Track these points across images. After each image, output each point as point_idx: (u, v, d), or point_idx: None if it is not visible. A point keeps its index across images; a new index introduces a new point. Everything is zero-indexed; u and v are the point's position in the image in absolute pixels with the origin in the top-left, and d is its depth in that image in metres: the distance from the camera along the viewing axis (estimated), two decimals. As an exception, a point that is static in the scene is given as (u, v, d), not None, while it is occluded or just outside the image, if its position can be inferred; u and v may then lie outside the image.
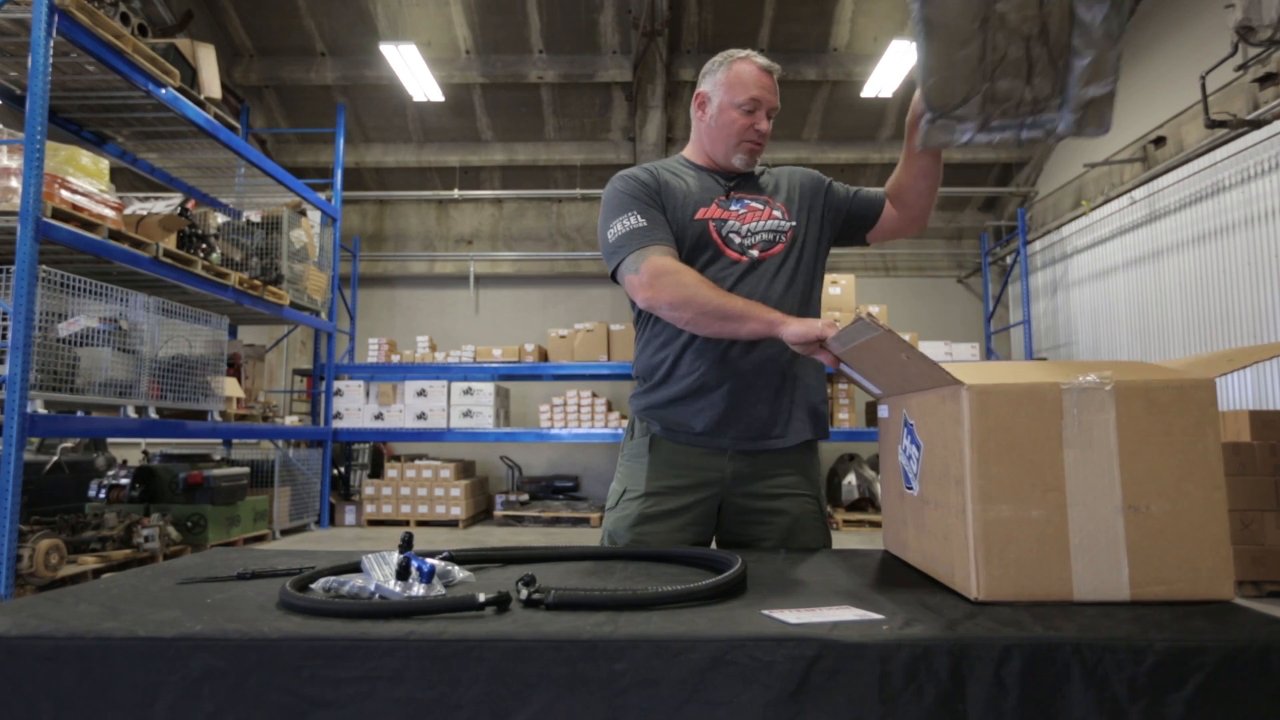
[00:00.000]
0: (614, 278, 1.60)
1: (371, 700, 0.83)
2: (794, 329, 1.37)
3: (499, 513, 8.47)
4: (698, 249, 1.59)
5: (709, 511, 1.62)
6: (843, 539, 7.08)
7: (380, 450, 9.25)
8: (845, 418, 8.38)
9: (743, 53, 1.64)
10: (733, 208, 1.63)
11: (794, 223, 1.66)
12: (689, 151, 1.74)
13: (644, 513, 1.59)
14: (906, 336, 9.59)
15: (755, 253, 1.60)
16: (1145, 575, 1.01)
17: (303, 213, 7.14)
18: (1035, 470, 1.02)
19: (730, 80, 1.62)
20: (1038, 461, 1.03)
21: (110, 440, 7.22)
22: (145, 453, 8.19)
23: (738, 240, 1.60)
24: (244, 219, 6.51)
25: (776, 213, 1.65)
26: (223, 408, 5.89)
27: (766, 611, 0.96)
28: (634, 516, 1.60)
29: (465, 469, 8.63)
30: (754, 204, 1.65)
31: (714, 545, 1.65)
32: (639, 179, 1.63)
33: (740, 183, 1.68)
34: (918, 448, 1.21)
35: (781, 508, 1.61)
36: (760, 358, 1.58)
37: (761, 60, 1.62)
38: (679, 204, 1.61)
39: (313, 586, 1.08)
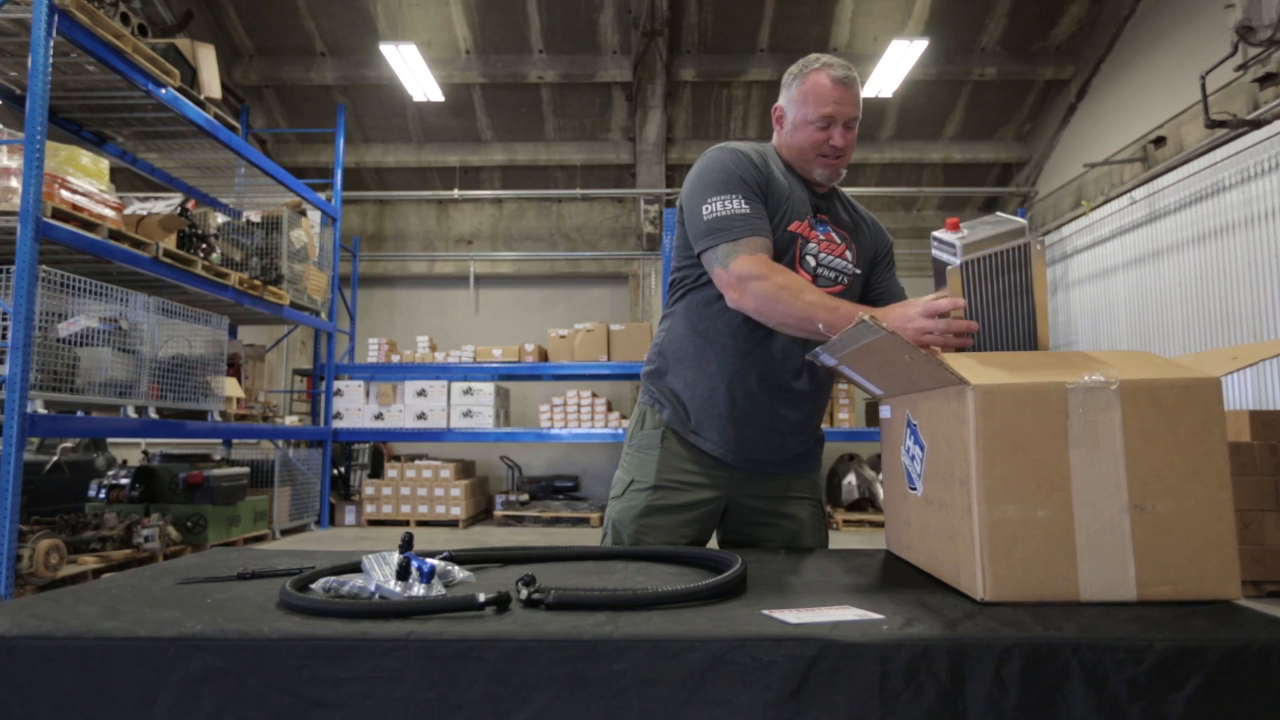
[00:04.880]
0: (698, 256, 1.54)
1: (371, 700, 0.83)
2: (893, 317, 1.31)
3: (499, 513, 8.47)
4: (779, 258, 1.53)
5: (715, 511, 1.62)
6: (843, 539, 7.07)
7: (380, 450, 9.25)
8: (845, 418, 8.38)
9: (818, 62, 1.56)
10: (819, 230, 1.59)
11: (858, 270, 1.63)
12: (780, 148, 1.65)
13: (651, 504, 1.59)
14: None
15: (819, 285, 1.56)
16: (1152, 575, 1.00)
17: (303, 213, 7.14)
18: (1041, 470, 1.02)
19: (804, 95, 1.56)
20: (1043, 461, 1.02)
21: (110, 440, 7.22)
22: (145, 453, 8.19)
23: (812, 263, 1.57)
24: (244, 219, 6.51)
25: (849, 254, 1.62)
26: (223, 408, 5.89)
27: (766, 611, 0.96)
28: (641, 508, 1.59)
29: (465, 469, 8.63)
30: (835, 236, 1.61)
31: (715, 545, 1.65)
32: (751, 160, 1.55)
33: (826, 205, 1.64)
34: (921, 448, 1.21)
35: (789, 512, 1.62)
36: (788, 392, 1.57)
37: (837, 70, 1.54)
38: (778, 203, 1.55)
39: (313, 586, 1.08)
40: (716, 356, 1.57)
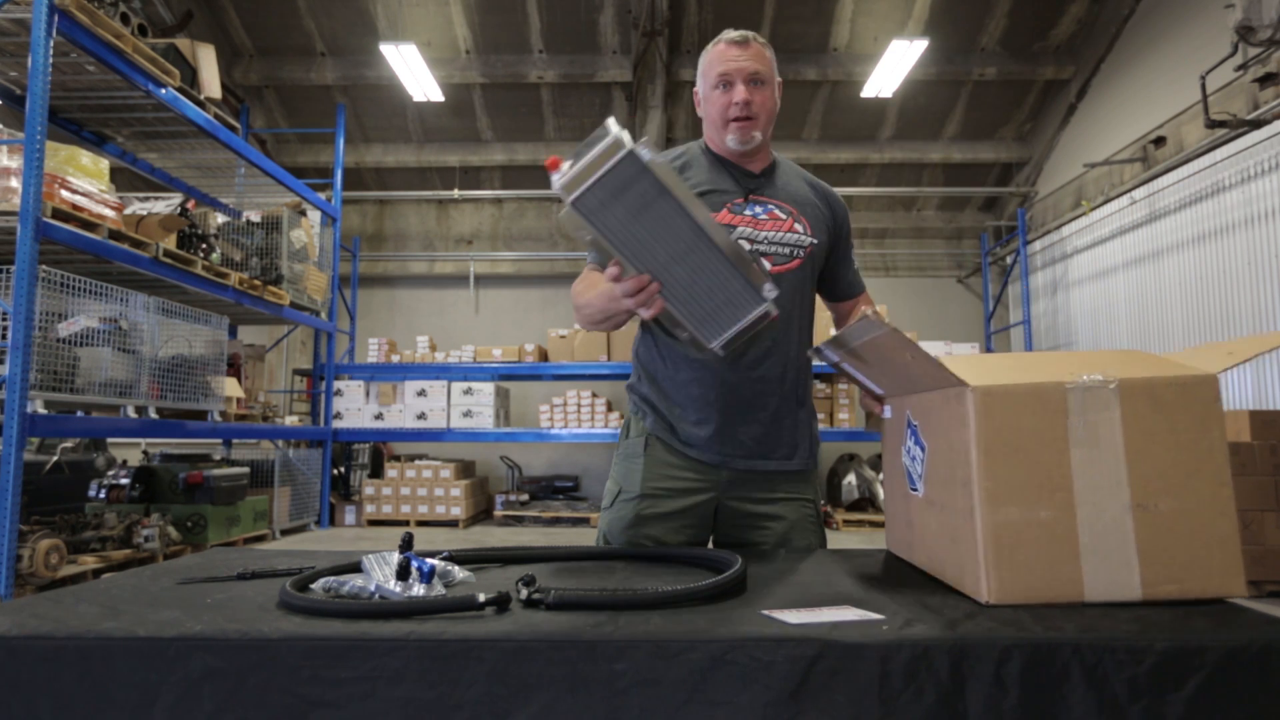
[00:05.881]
0: None
1: (371, 700, 0.83)
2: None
3: (499, 513, 8.47)
4: None
5: (705, 515, 1.59)
6: (843, 539, 7.08)
7: (380, 450, 9.25)
8: (845, 418, 8.38)
9: (716, 39, 1.57)
10: (747, 212, 1.55)
11: (815, 240, 1.58)
12: (707, 139, 1.64)
13: (640, 514, 1.57)
14: (907, 336, 9.74)
15: (766, 264, 1.51)
16: (1156, 574, 1.00)
17: (303, 213, 7.14)
18: (1042, 471, 1.02)
19: (705, 69, 1.57)
20: (1045, 462, 1.02)
21: (110, 440, 7.21)
22: (145, 453, 8.19)
23: (747, 247, 1.49)
24: (244, 219, 6.51)
25: (799, 226, 1.56)
26: (223, 408, 5.89)
27: (766, 611, 0.96)
28: (630, 518, 1.57)
29: (465, 469, 8.63)
30: (778, 212, 1.56)
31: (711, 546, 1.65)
32: None
33: (762, 184, 1.59)
34: (922, 449, 1.20)
35: (778, 513, 1.58)
36: (759, 376, 1.53)
37: (731, 34, 1.54)
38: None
39: (313, 587, 1.08)
40: (686, 362, 1.55)
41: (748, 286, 1.20)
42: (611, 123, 1.13)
